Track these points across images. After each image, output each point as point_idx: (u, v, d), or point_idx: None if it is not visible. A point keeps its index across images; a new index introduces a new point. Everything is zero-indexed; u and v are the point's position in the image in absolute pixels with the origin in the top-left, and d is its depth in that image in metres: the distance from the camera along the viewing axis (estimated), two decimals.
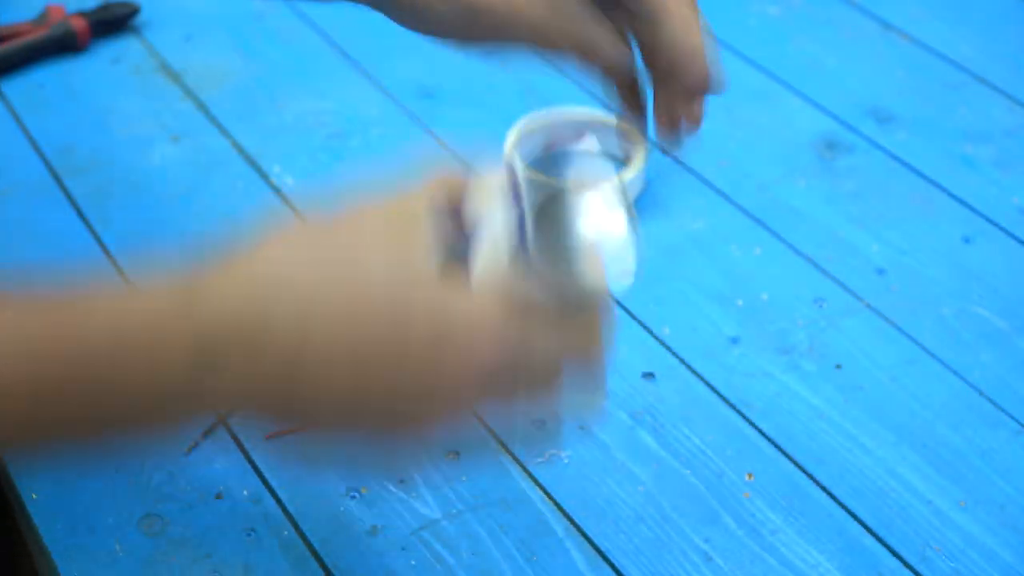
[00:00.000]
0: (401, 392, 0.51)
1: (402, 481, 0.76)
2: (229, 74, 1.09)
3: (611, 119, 0.94)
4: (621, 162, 0.95)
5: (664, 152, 0.66)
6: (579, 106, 0.97)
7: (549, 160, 0.68)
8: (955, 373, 0.83)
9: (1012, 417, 0.80)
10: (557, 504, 0.75)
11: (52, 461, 0.65)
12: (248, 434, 0.79)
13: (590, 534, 0.74)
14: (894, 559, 0.72)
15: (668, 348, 0.85)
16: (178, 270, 0.52)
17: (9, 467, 0.77)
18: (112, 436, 0.53)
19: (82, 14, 1.12)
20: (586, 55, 0.65)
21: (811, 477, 0.77)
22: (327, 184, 0.99)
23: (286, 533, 0.74)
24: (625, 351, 0.84)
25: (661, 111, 0.66)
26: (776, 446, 0.79)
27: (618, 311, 0.87)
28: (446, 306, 0.51)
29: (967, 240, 0.93)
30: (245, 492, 0.76)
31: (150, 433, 0.54)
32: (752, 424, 0.80)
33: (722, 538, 0.74)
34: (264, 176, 0.99)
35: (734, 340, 0.85)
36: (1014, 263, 0.91)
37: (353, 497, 0.75)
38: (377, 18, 0.72)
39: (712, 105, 1.04)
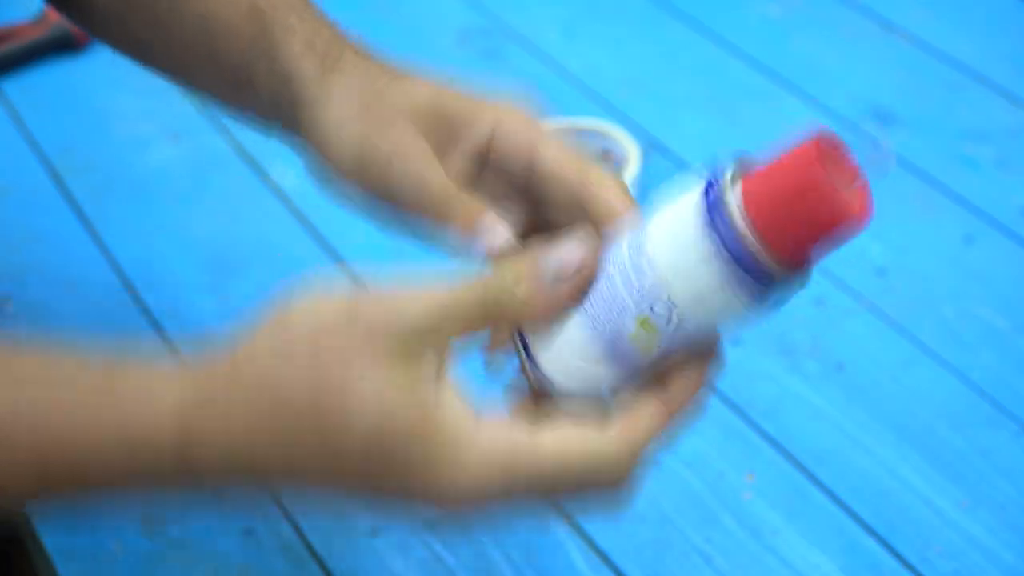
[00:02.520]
0: (384, 507, 0.51)
1: None
2: None
3: (607, 126, 0.95)
4: (616, 165, 0.95)
5: None
6: (579, 116, 0.97)
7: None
8: (956, 373, 0.83)
9: (1013, 417, 0.80)
10: (557, 504, 0.75)
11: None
12: None
13: (590, 534, 0.74)
14: (895, 559, 0.72)
15: None
16: (177, 377, 0.50)
17: None
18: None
19: None
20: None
21: (812, 477, 0.77)
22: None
23: (286, 533, 0.74)
24: None
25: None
26: (777, 446, 0.78)
27: None
28: (425, 456, 0.48)
29: (968, 240, 0.93)
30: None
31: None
32: (753, 424, 0.80)
33: (723, 539, 0.74)
34: (264, 176, 0.98)
35: (735, 340, 0.85)
36: (1015, 263, 0.91)
37: None
38: (377, 18, 0.72)
39: (712, 105, 1.04)
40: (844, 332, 0.86)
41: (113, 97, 1.07)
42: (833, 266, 0.90)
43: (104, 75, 1.09)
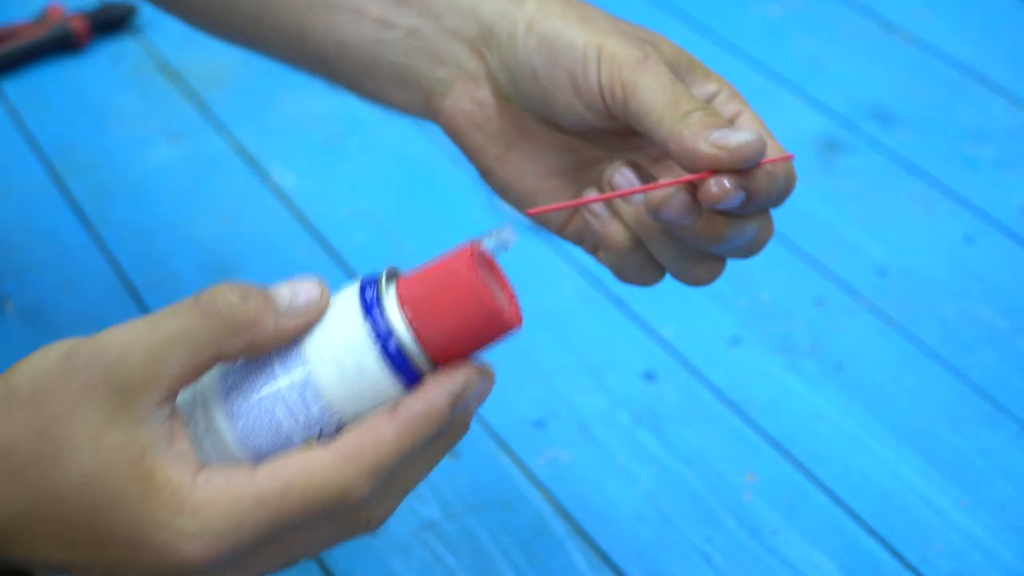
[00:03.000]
0: (122, 573, 0.49)
1: None
2: (229, 74, 1.09)
3: None
4: None
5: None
6: None
7: None
8: (955, 373, 0.83)
9: (1013, 417, 0.80)
10: (557, 504, 0.75)
11: None
12: None
13: (590, 534, 0.74)
14: (895, 559, 0.72)
15: (668, 348, 0.85)
16: None
17: None
18: None
19: (82, 14, 1.12)
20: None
21: (812, 477, 0.77)
22: (327, 184, 0.99)
23: None
24: (625, 351, 0.84)
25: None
26: (777, 446, 0.78)
27: (619, 311, 0.88)
28: (143, 514, 0.47)
29: (968, 240, 0.93)
30: None
31: None
32: (753, 424, 0.80)
33: (723, 538, 0.74)
34: (264, 176, 0.99)
35: (735, 340, 0.85)
36: (1014, 263, 0.91)
37: None
38: None
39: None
40: (844, 332, 0.86)
41: (113, 97, 1.07)
42: (833, 266, 0.90)
43: (104, 75, 1.10)
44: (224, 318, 0.48)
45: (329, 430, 0.49)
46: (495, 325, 0.48)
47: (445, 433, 0.49)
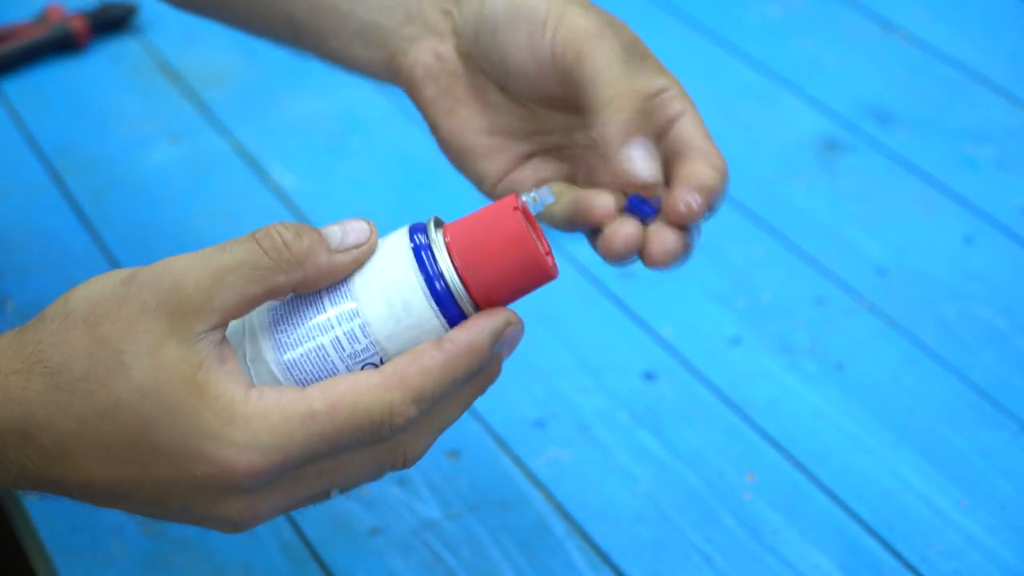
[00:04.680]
0: (164, 501, 0.50)
1: (402, 481, 0.76)
2: (229, 74, 1.09)
3: None
4: None
5: None
6: None
7: None
8: (955, 373, 0.83)
9: (1013, 417, 0.80)
10: (557, 504, 0.75)
11: None
12: None
13: (590, 534, 0.74)
14: (895, 559, 0.72)
15: (668, 348, 0.85)
16: None
17: None
18: None
19: (82, 14, 1.12)
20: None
21: (812, 477, 0.77)
22: (327, 184, 0.99)
23: (286, 533, 0.74)
24: (625, 351, 0.84)
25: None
26: (777, 446, 0.78)
27: (619, 311, 0.88)
28: (196, 425, 0.48)
29: (967, 240, 0.93)
30: None
31: None
32: (753, 424, 0.80)
33: (723, 538, 0.74)
34: (264, 176, 0.99)
35: (735, 340, 0.85)
36: (1014, 263, 0.91)
37: (353, 497, 0.75)
38: None
39: (712, 105, 1.04)
40: (844, 332, 0.86)
41: (113, 97, 1.07)
42: (833, 266, 0.90)
43: (104, 75, 1.10)
44: (279, 253, 0.50)
45: (373, 364, 0.51)
46: (536, 271, 0.52)
47: (481, 373, 0.52)
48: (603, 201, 0.57)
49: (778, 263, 0.91)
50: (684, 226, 0.57)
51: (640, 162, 0.56)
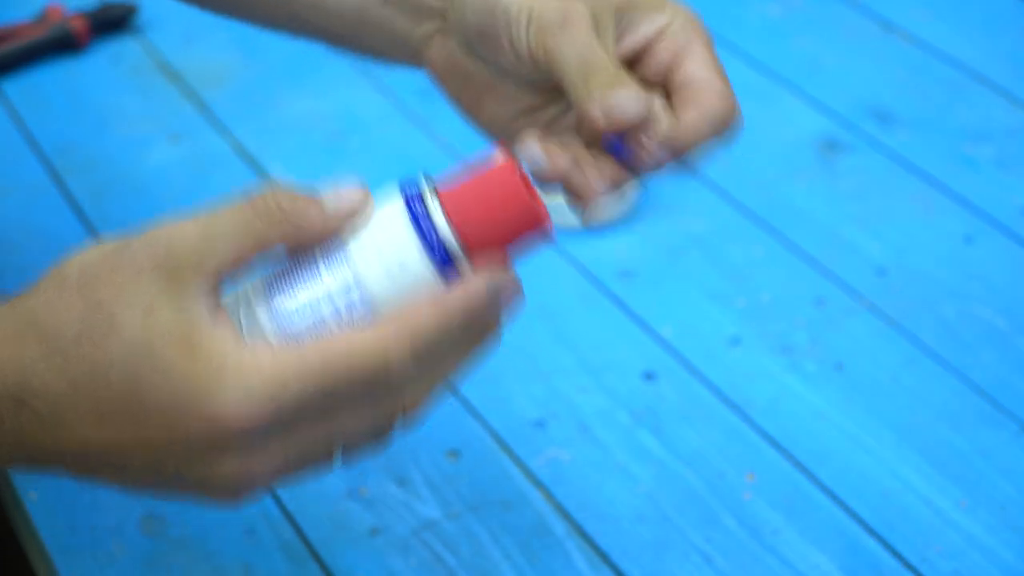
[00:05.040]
0: (159, 468, 0.50)
1: (402, 481, 0.76)
2: (229, 74, 1.09)
3: None
4: None
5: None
6: None
7: None
8: (955, 373, 0.83)
9: (1013, 417, 0.80)
10: (557, 504, 0.75)
11: None
12: None
13: (590, 534, 0.74)
14: (895, 559, 0.72)
15: (668, 348, 0.85)
16: None
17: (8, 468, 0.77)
18: None
19: (82, 14, 1.12)
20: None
21: (812, 477, 0.77)
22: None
23: (286, 533, 0.74)
24: (625, 351, 0.84)
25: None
26: (777, 446, 0.78)
27: (619, 311, 0.88)
28: (187, 381, 0.48)
29: (967, 240, 0.93)
30: None
31: None
32: (753, 424, 0.80)
33: (723, 539, 0.74)
34: (264, 176, 0.99)
35: (735, 340, 0.85)
36: (1014, 263, 0.91)
37: (353, 497, 0.75)
38: None
39: None
40: (844, 332, 0.86)
41: (113, 97, 1.07)
42: (833, 266, 0.90)
43: (104, 75, 1.10)
44: (271, 212, 0.50)
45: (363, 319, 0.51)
46: (532, 226, 0.52)
47: (480, 327, 0.51)
48: (596, 187, 0.57)
49: (778, 263, 0.91)
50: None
51: (617, 103, 0.55)
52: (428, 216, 0.51)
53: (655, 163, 0.57)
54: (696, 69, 0.58)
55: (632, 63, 0.60)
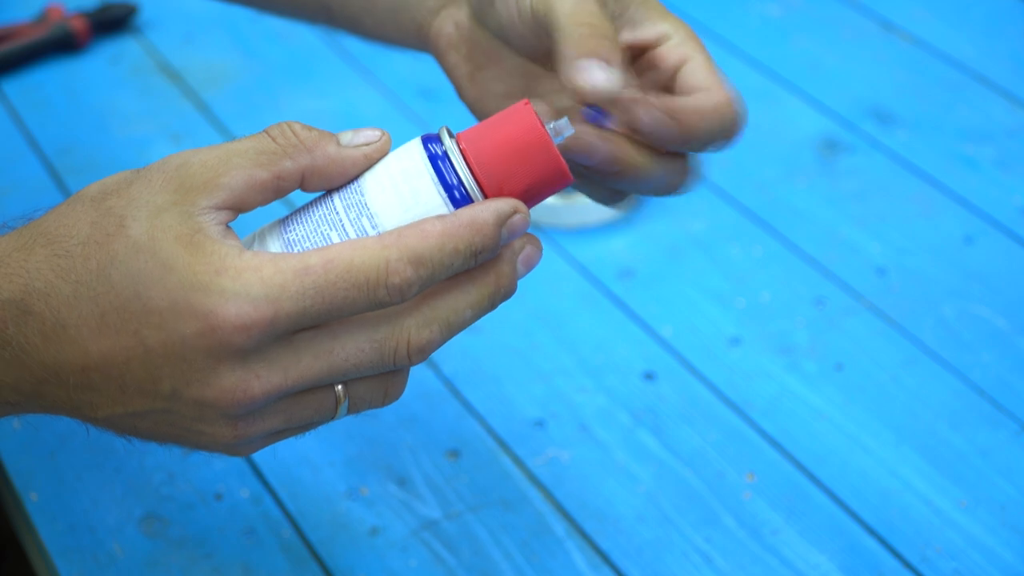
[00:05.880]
0: (155, 382, 0.49)
1: (402, 481, 0.76)
2: (229, 74, 1.09)
3: None
4: None
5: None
6: None
7: None
8: (955, 373, 0.83)
9: (1012, 417, 0.80)
10: (557, 504, 0.75)
11: None
12: None
13: (590, 534, 0.74)
14: (895, 559, 0.72)
15: (668, 348, 0.85)
16: None
17: (8, 468, 0.77)
18: None
19: (82, 14, 1.12)
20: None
21: (812, 477, 0.77)
22: None
23: (286, 533, 0.74)
24: (625, 351, 0.84)
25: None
26: (777, 446, 0.78)
27: (619, 311, 0.88)
28: (187, 277, 0.48)
29: (967, 240, 0.93)
30: (245, 492, 0.76)
31: None
32: (753, 424, 0.80)
33: (723, 538, 0.74)
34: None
35: (734, 340, 0.85)
36: (1014, 263, 0.91)
37: (353, 497, 0.75)
38: None
39: None
40: (844, 332, 0.86)
41: (113, 97, 1.07)
42: (833, 266, 0.90)
43: (104, 75, 1.10)
44: (287, 139, 0.52)
45: None
46: (549, 164, 0.52)
47: (485, 254, 0.50)
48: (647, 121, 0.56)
49: (778, 263, 0.91)
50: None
51: (590, 74, 0.55)
52: (444, 151, 0.51)
53: (655, 125, 0.56)
54: (701, 76, 0.58)
55: (632, 63, 0.60)
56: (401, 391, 0.53)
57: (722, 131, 0.58)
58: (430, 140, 0.52)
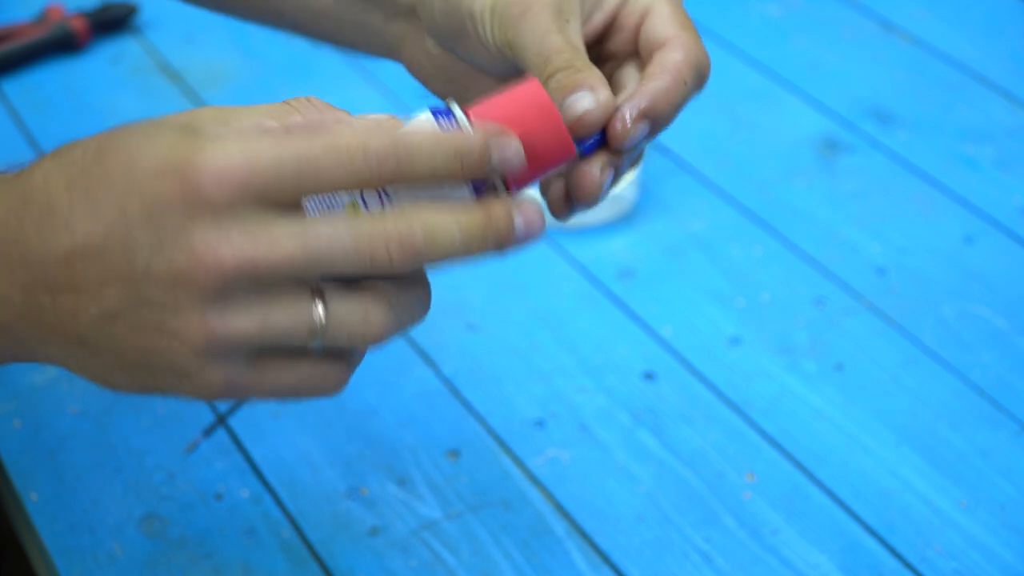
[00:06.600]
0: (134, 259, 0.49)
1: (402, 481, 0.76)
2: (229, 74, 1.09)
3: None
4: None
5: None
6: None
7: None
8: (955, 373, 0.83)
9: (1012, 417, 0.80)
10: (557, 504, 0.75)
11: None
12: (248, 434, 0.79)
13: (590, 534, 0.74)
14: (895, 559, 0.72)
15: (668, 348, 0.85)
16: None
17: (8, 468, 0.77)
18: None
19: (82, 14, 1.12)
20: None
21: (812, 477, 0.77)
22: None
23: (286, 533, 0.74)
24: (625, 351, 0.84)
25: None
26: (777, 446, 0.78)
27: (619, 311, 0.88)
28: (169, 133, 0.49)
29: (967, 240, 0.93)
30: (245, 492, 0.76)
31: None
32: (753, 424, 0.80)
33: (723, 538, 0.74)
34: None
35: (734, 340, 0.85)
36: (1014, 263, 0.91)
37: (353, 497, 0.75)
38: None
39: (713, 105, 1.04)
40: (844, 332, 0.86)
41: (113, 97, 1.07)
42: (833, 266, 0.90)
43: (104, 75, 1.10)
44: (301, 103, 0.52)
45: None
46: (555, 135, 0.53)
47: (472, 158, 0.50)
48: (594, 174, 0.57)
49: (778, 263, 0.91)
50: (626, 148, 0.56)
51: (580, 106, 0.55)
52: (453, 120, 0.52)
53: (634, 139, 0.56)
54: (660, 28, 0.58)
55: (602, 39, 0.60)
56: (383, 322, 0.51)
57: (689, 91, 0.57)
58: (439, 112, 0.52)
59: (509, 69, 0.60)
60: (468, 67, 0.62)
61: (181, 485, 0.76)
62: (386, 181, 0.49)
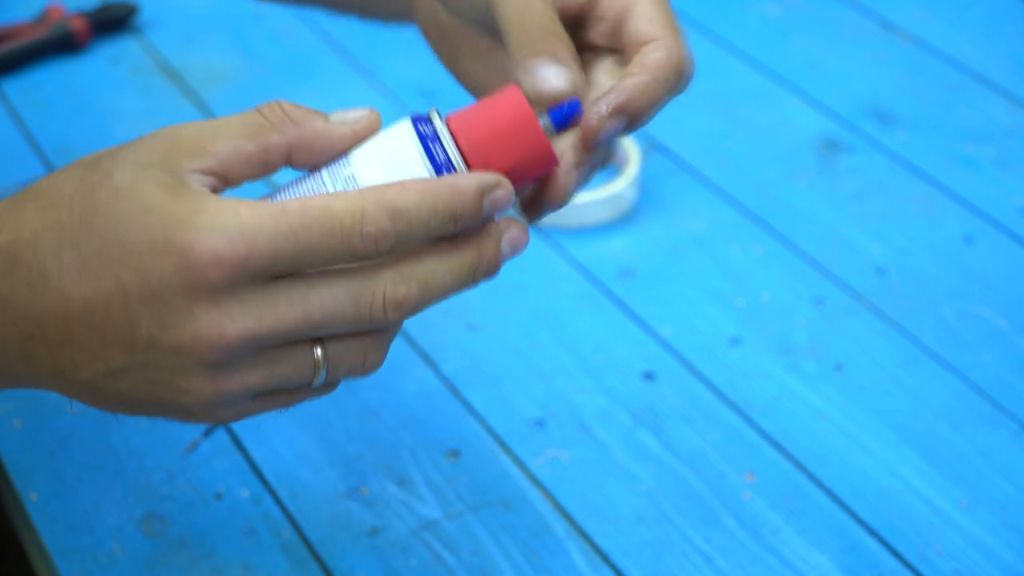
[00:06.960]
0: (134, 328, 0.49)
1: (402, 481, 0.76)
2: (229, 74, 1.09)
3: None
4: (615, 167, 0.95)
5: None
6: None
7: None
8: (955, 373, 0.83)
9: (1013, 417, 0.80)
10: (557, 504, 0.75)
11: None
12: (248, 434, 0.79)
13: (590, 534, 0.74)
14: (895, 559, 0.72)
15: (668, 348, 0.85)
16: None
17: (8, 468, 0.77)
18: None
19: (82, 14, 1.12)
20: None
21: (812, 477, 0.77)
22: None
23: (286, 533, 0.74)
24: (625, 351, 0.84)
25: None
26: (777, 446, 0.78)
27: (619, 311, 0.88)
28: (166, 216, 0.49)
29: (967, 240, 0.93)
30: (245, 492, 0.76)
31: None
32: (753, 424, 0.80)
33: (723, 538, 0.74)
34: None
35: (734, 340, 0.85)
36: (1014, 263, 0.91)
37: (353, 497, 0.75)
38: None
39: (713, 105, 1.04)
40: (844, 332, 0.86)
41: (113, 97, 1.07)
42: (833, 266, 0.90)
43: (104, 75, 1.10)
44: (276, 115, 0.52)
45: None
46: (535, 145, 0.53)
47: (473, 234, 0.51)
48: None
49: (778, 263, 0.91)
50: (597, 143, 0.56)
51: (543, 75, 0.55)
52: (433, 130, 0.52)
53: (607, 133, 0.56)
54: (643, 25, 0.57)
55: (579, 26, 0.60)
56: (381, 357, 0.53)
57: (668, 91, 0.57)
58: (419, 120, 0.53)
59: (496, 29, 0.59)
60: (466, 30, 0.63)
61: (181, 485, 0.76)
62: (383, 255, 0.50)
